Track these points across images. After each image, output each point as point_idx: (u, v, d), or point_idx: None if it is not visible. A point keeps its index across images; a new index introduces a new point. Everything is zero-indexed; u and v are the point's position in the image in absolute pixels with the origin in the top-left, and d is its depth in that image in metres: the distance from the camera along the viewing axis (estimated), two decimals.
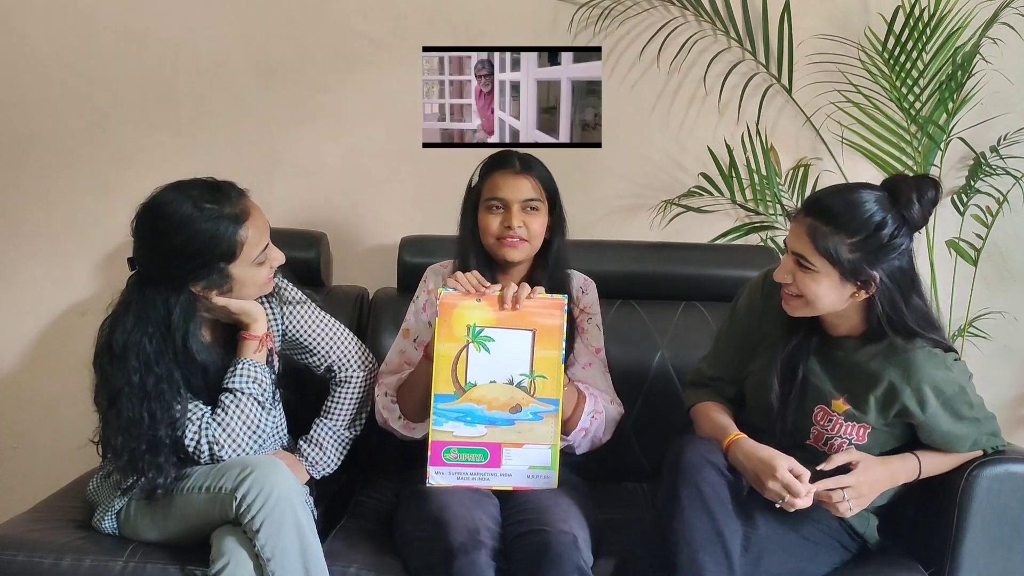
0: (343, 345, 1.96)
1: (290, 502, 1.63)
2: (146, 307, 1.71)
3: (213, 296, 1.73)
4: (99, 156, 2.54)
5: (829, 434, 1.74)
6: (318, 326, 1.93)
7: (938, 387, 1.68)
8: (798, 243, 1.65)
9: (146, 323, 1.70)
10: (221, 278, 1.71)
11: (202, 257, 1.67)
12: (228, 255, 1.69)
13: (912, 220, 1.62)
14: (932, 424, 1.70)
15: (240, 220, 1.69)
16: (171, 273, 1.70)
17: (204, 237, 1.66)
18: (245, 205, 1.72)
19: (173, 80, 2.53)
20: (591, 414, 1.90)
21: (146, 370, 1.69)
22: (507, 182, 1.93)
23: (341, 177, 2.58)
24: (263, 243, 1.74)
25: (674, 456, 1.68)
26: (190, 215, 1.66)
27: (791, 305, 1.71)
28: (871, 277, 1.62)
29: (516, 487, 1.81)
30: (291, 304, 1.90)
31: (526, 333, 1.79)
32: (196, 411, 1.74)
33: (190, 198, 1.68)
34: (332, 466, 1.94)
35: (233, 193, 1.72)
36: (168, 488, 1.71)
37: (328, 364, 1.95)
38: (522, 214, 1.92)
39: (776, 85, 2.50)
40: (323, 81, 2.54)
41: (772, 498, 1.64)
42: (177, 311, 1.70)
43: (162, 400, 1.70)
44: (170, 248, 1.67)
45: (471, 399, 1.79)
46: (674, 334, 2.30)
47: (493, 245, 1.95)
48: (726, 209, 2.58)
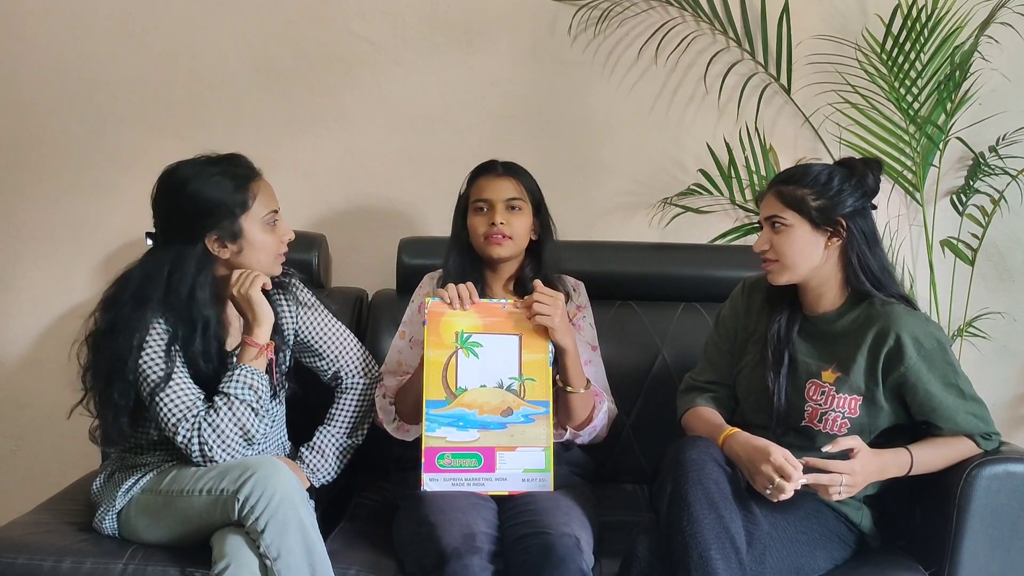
0: (350, 353, 1.99)
1: (292, 502, 1.64)
2: (158, 263, 1.76)
3: (228, 257, 1.77)
4: (98, 158, 2.55)
5: (824, 408, 1.78)
6: (329, 331, 1.97)
7: (917, 339, 1.75)
8: (769, 207, 1.82)
9: (154, 277, 1.75)
10: (234, 229, 1.75)
11: (213, 202, 1.73)
12: (241, 203, 1.75)
13: (866, 186, 1.79)
14: (915, 380, 1.75)
15: (250, 178, 1.79)
16: (186, 225, 1.75)
17: (214, 186, 1.75)
18: (256, 172, 1.82)
19: (172, 82, 2.54)
20: (605, 412, 1.95)
21: (144, 325, 1.73)
22: (490, 183, 2.02)
23: (340, 179, 2.58)
24: (273, 205, 1.80)
25: (675, 454, 1.70)
26: (202, 169, 1.77)
27: (772, 271, 1.82)
28: (838, 223, 1.77)
29: (511, 491, 1.82)
30: (305, 307, 1.93)
31: (512, 338, 1.84)
32: (188, 398, 1.74)
33: (205, 160, 1.80)
34: (332, 474, 1.95)
35: (247, 162, 1.83)
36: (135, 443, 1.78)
37: (335, 370, 1.97)
38: (505, 212, 1.99)
39: (775, 85, 2.50)
40: (322, 83, 2.54)
41: (762, 483, 1.66)
42: (190, 262, 1.74)
43: (155, 360, 1.73)
44: (184, 197, 1.74)
45: (462, 403, 1.82)
46: (673, 335, 2.30)
47: (482, 245, 2.00)
48: (726, 209, 2.58)
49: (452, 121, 2.56)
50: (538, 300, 1.83)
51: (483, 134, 2.56)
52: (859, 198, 1.78)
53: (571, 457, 2.01)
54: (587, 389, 1.91)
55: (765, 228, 1.83)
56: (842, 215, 1.77)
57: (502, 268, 2.04)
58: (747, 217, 2.58)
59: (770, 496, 1.67)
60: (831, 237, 1.78)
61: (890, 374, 1.76)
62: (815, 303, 1.85)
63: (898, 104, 2.43)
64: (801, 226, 1.78)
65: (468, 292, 1.86)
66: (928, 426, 1.80)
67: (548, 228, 2.07)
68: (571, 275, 2.16)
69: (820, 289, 1.83)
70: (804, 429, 1.81)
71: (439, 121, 2.56)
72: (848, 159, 1.86)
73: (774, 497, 1.66)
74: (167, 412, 1.72)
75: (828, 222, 1.77)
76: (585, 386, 1.90)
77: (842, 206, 1.77)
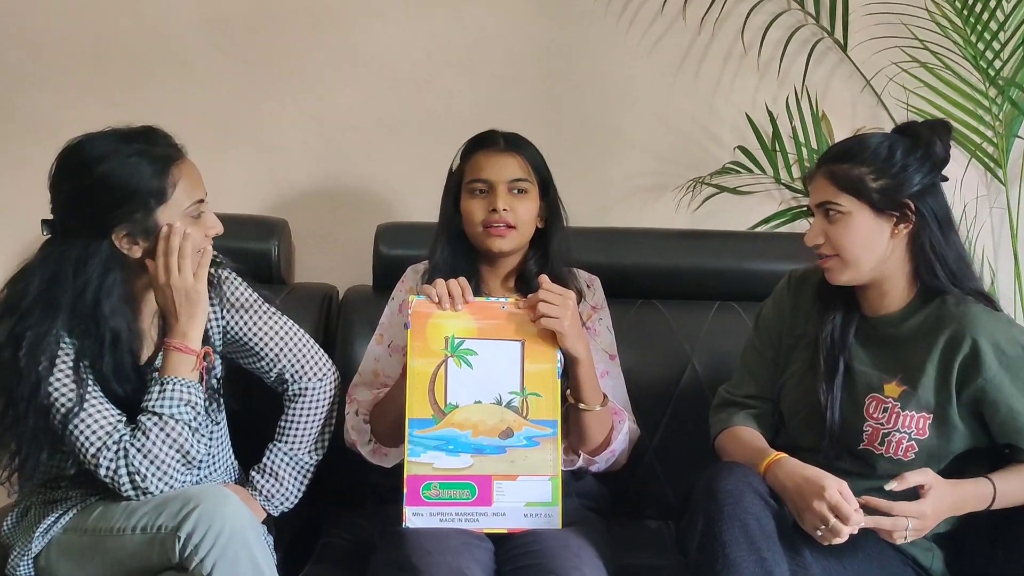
0: (296, 349, 1.95)
1: (244, 538, 1.62)
2: (62, 261, 1.73)
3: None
4: (13, 128, 2.54)
5: (886, 428, 1.77)
6: (266, 325, 1.93)
7: (998, 345, 1.73)
8: (820, 192, 1.79)
9: (56, 281, 1.72)
10: (148, 223, 1.72)
11: (124, 190, 1.70)
12: (158, 192, 1.72)
13: (934, 155, 1.77)
14: (997, 395, 1.73)
15: (172, 159, 1.74)
16: (91, 216, 1.71)
17: (128, 169, 1.70)
18: (180, 152, 1.78)
19: (103, 37, 2.53)
20: (626, 434, 1.95)
21: (45, 341, 1.71)
22: (491, 161, 1.99)
23: (305, 153, 2.58)
24: (198, 194, 1.77)
25: (708, 485, 1.69)
26: (115, 148, 1.71)
27: (830, 269, 1.80)
28: (905, 205, 1.75)
29: (511, 528, 1.81)
30: (235, 309, 1.91)
31: (513, 344, 1.82)
32: (107, 421, 1.72)
33: (117, 134, 1.75)
34: (292, 500, 1.94)
35: (169, 139, 1.78)
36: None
37: (279, 371, 1.94)
38: (508, 196, 1.97)
39: (827, 40, 2.50)
40: (284, 38, 2.54)
41: (812, 523, 1.65)
42: (94, 263, 1.71)
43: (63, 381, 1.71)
44: (91, 183, 1.70)
45: (453, 423, 1.80)
46: (706, 341, 2.30)
47: (478, 235, 1.99)
48: (768, 189, 2.58)
49: (440, 85, 2.56)
50: (544, 299, 1.81)
51: (477, 100, 2.55)
52: (927, 172, 1.76)
53: (583, 488, 2.00)
54: (603, 406, 1.90)
55: (817, 217, 1.81)
56: (909, 195, 1.75)
57: (502, 262, 2.04)
58: (794, 199, 2.59)
59: (821, 539, 1.66)
60: (897, 223, 1.76)
61: (966, 387, 1.75)
62: (877, 301, 1.84)
63: (975, 63, 2.43)
64: (861, 212, 1.76)
65: (460, 289, 1.84)
66: (1013, 450, 1.79)
67: (557, 213, 2.06)
68: (584, 269, 2.15)
69: (884, 286, 1.82)
70: (862, 453, 1.80)
71: (424, 84, 2.56)
72: (908, 124, 1.84)
73: (826, 540, 1.65)
74: (84, 441, 1.71)
75: (893, 205, 1.75)
76: (601, 402, 1.89)
77: (909, 184, 1.74)
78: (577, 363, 1.84)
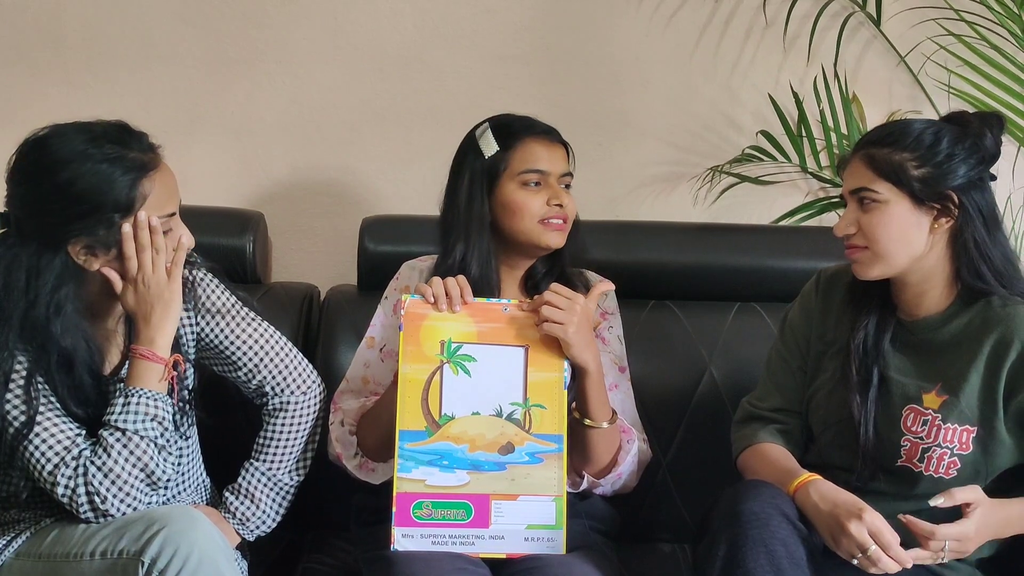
0: (278, 359, 1.95)
1: (215, 564, 1.62)
2: (10, 270, 1.72)
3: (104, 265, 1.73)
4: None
5: (926, 443, 1.78)
6: (244, 332, 1.93)
7: None
8: (856, 178, 1.80)
9: (7, 291, 1.71)
10: (109, 237, 1.72)
11: (89, 201, 1.68)
12: (124, 206, 1.70)
13: (983, 148, 1.77)
14: None
15: (146, 168, 1.72)
16: (47, 224, 1.70)
17: (96, 177, 1.68)
18: (156, 158, 1.76)
19: (59, 12, 2.53)
20: (635, 455, 1.94)
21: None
22: (546, 151, 1.99)
23: (284, 139, 2.58)
24: (170, 207, 1.76)
25: (731, 506, 1.69)
26: (83, 150, 1.69)
27: (860, 261, 1.81)
28: (948, 197, 1.75)
29: (510, 553, 1.81)
30: (211, 314, 1.91)
31: (516, 350, 1.82)
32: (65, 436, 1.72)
33: (88, 133, 1.72)
34: (269, 523, 1.94)
35: (144, 141, 1.76)
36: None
37: (259, 382, 1.94)
38: (561, 190, 1.98)
39: (859, 14, 2.50)
40: (260, 11, 2.54)
41: (849, 549, 1.65)
42: (46, 276, 1.71)
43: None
44: (51, 186, 1.69)
45: (448, 436, 1.80)
46: (725, 346, 2.30)
47: (531, 230, 1.96)
48: (793, 179, 2.59)
49: (432, 63, 2.56)
50: (549, 301, 1.81)
51: (474, 80, 2.56)
52: (975, 165, 1.76)
53: (590, 508, 2.00)
54: (612, 423, 1.89)
55: (850, 204, 1.81)
56: (953, 188, 1.75)
57: (524, 262, 2.04)
58: (822, 189, 2.59)
59: (859, 564, 1.66)
60: (938, 217, 1.76)
61: (1014, 397, 1.75)
62: (914, 304, 1.84)
63: (1021, 42, 2.42)
64: (899, 202, 1.76)
65: (459, 288, 1.83)
66: None
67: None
68: (590, 266, 2.15)
69: (922, 286, 1.82)
70: (900, 471, 1.80)
71: (415, 63, 2.56)
72: (959, 113, 1.85)
73: (865, 567, 1.65)
74: (40, 457, 1.71)
75: (935, 197, 1.75)
76: (610, 419, 1.89)
77: (953, 176, 1.75)
78: (585, 374, 1.83)
